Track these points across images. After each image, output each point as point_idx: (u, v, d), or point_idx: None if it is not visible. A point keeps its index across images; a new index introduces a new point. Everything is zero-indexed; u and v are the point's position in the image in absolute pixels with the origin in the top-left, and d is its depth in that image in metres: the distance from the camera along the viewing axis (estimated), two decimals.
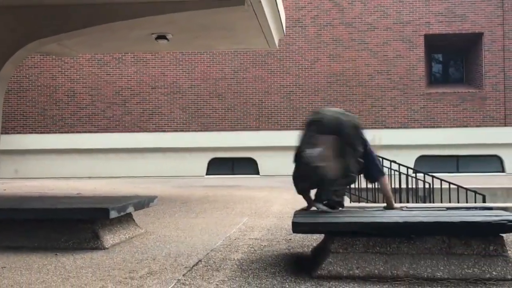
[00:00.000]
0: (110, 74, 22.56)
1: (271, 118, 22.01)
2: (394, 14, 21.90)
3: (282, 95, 22.02)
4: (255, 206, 9.98)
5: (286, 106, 21.97)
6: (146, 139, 22.12)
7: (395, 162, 12.81)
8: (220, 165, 22.21)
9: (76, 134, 22.39)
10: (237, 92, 22.16)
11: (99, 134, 22.32)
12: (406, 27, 21.85)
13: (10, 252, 5.46)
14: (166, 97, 22.36)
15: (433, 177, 12.38)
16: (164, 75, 22.40)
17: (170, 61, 22.37)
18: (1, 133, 15.73)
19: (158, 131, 22.24)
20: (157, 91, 22.39)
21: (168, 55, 22.27)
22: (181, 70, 22.37)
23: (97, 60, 22.57)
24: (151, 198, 7.00)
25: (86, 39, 13.10)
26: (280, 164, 21.65)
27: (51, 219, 5.87)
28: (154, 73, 22.42)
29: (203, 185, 16.34)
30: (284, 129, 21.79)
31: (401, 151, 19.87)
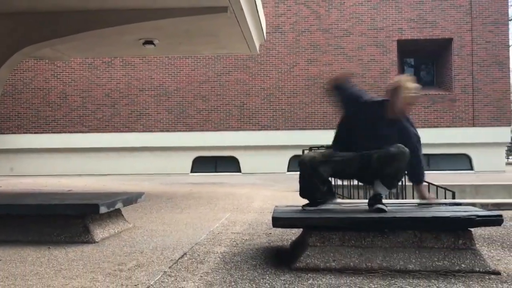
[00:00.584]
0: (100, 77, 22.48)
1: (252, 119, 22.03)
2: (369, 21, 22.00)
3: (263, 97, 22.05)
4: (237, 202, 9.97)
5: (267, 108, 22.00)
6: (134, 139, 22.08)
7: None
8: (204, 164, 22.21)
9: (68, 134, 22.30)
10: (220, 94, 22.15)
11: (90, 134, 22.24)
12: (380, 33, 21.95)
13: (6, 246, 5.42)
14: (153, 99, 22.31)
15: (405, 175, 12.38)
16: (151, 78, 22.35)
17: (157, 65, 22.33)
18: None
19: (146, 131, 22.19)
20: (145, 94, 22.34)
21: (155, 60, 22.24)
22: (167, 74, 22.33)
23: (88, 64, 22.48)
24: (139, 195, 6.97)
25: (78, 44, 13.07)
26: (261, 163, 21.76)
27: (45, 215, 5.83)
28: (142, 77, 22.37)
29: (188, 182, 16.30)
30: (265, 129, 21.84)
31: None
